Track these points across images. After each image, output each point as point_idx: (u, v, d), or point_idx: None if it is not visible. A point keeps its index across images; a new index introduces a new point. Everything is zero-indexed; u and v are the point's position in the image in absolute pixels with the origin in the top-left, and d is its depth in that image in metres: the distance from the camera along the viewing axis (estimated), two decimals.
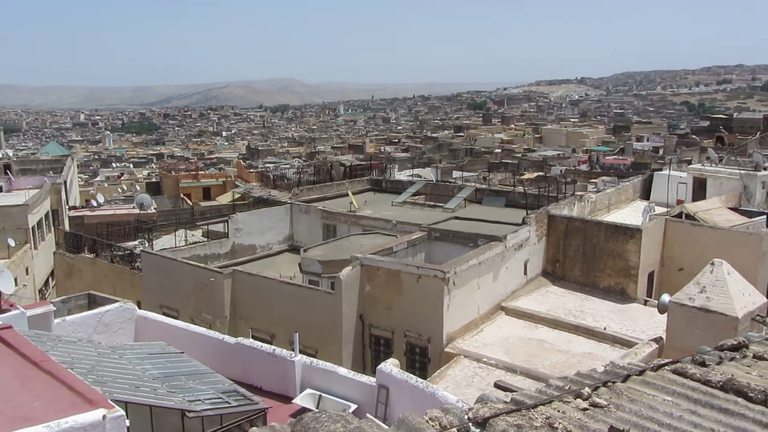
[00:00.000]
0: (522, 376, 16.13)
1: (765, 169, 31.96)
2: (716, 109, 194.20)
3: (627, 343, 17.44)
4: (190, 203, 49.07)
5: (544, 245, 23.11)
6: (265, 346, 13.04)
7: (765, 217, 24.43)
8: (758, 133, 74.62)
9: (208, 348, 13.10)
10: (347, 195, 30.38)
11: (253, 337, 15.02)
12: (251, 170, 62.91)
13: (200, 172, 61.07)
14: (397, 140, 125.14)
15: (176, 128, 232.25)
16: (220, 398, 9.92)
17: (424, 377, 15.53)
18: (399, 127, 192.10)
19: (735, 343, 4.43)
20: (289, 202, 29.53)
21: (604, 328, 18.83)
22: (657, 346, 14.18)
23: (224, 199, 48.71)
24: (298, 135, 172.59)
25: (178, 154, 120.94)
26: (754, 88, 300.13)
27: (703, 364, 3.85)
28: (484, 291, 19.75)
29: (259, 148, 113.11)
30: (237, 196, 43.08)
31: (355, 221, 26.47)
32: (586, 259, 22.55)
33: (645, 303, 21.11)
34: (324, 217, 27.58)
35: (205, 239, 27.43)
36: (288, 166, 66.59)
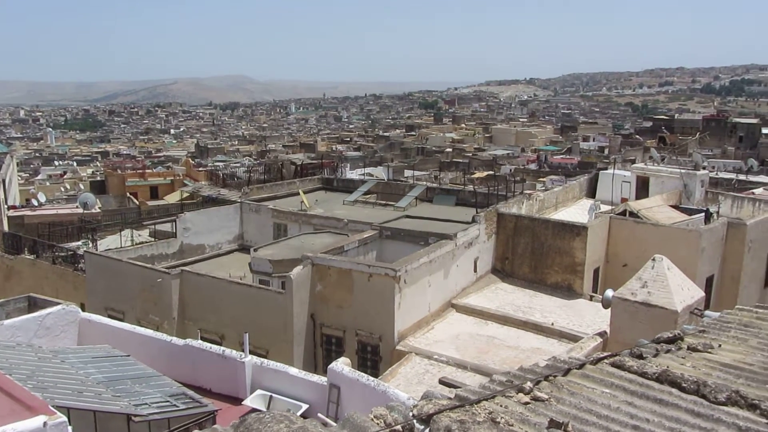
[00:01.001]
0: (472, 372, 16.33)
1: (704, 168, 33.23)
2: (658, 110, 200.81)
3: (573, 338, 17.85)
4: (137, 202, 47.93)
5: (493, 243, 23.45)
6: (215, 348, 12.83)
7: (704, 214, 25.33)
8: (698, 133, 77.56)
9: (156, 350, 12.82)
10: (298, 194, 30.19)
11: (202, 339, 14.77)
12: (200, 169, 61.88)
13: (147, 171, 59.73)
14: (348, 139, 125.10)
15: (122, 125, 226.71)
16: (168, 401, 9.72)
17: (376, 375, 15.58)
18: (351, 126, 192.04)
19: (671, 335, 4.59)
20: (239, 201, 29.16)
21: (552, 324, 19.23)
22: (601, 340, 14.57)
23: (172, 198, 47.75)
24: (248, 133, 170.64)
25: (124, 152, 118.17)
26: (693, 90, 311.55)
27: (640, 356, 3.98)
28: (435, 289, 19.91)
29: (209, 146, 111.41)
30: (185, 195, 42.32)
31: (306, 220, 26.33)
32: (535, 256, 22.98)
33: (591, 298, 21.65)
34: (275, 217, 27.34)
35: (152, 239, 26.83)
36: (238, 164, 65.79)
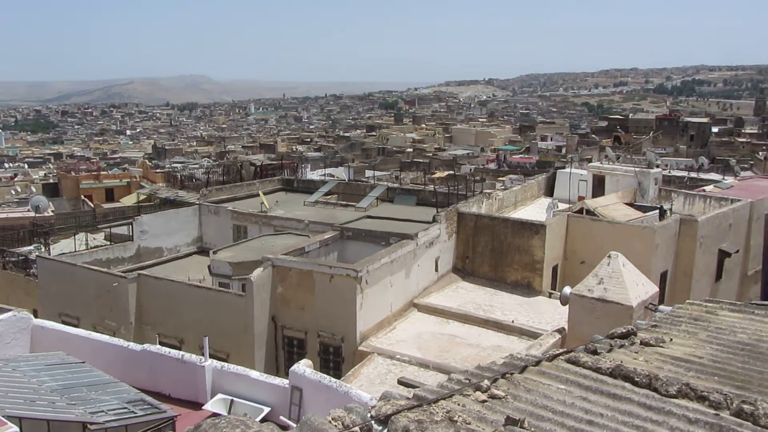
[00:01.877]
0: (434, 371, 16.42)
1: (657, 166, 34.09)
2: (613, 110, 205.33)
3: (533, 335, 18.10)
4: (92, 205, 46.84)
5: (454, 242, 23.62)
6: (174, 352, 12.64)
7: (657, 211, 25.98)
8: (651, 132, 79.56)
9: (112, 356, 12.56)
10: (258, 195, 29.91)
11: (161, 343, 14.51)
12: (158, 170, 60.86)
13: (102, 173, 58.45)
14: (309, 139, 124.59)
15: (76, 126, 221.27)
16: (125, 408, 9.53)
17: (338, 377, 15.53)
18: (311, 127, 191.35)
19: (624, 331, 4.69)
20: (197, 203, 28.74)
21: (512, 321, 19.46)
22: (560, 336, 14.82)
23: (129, 200, 46.80)
24: (207, 134, 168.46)
25: (78, 154, 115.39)
26: (647, 91, 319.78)
27: (594, 352, 4.06)
28: (397, 288, 19.96)
29: (166, 147, 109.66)
30: (142, 197, 41.50)
31: (266, 222, 26.10)
32: (495, 254, 23.22)
33: (550, 295, 21.98)
34: (234, 218, 27.04)
35: (108, 243, 26.25)
36: (197, 165, 64.87)
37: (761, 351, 4.59)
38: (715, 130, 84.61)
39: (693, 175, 39.62)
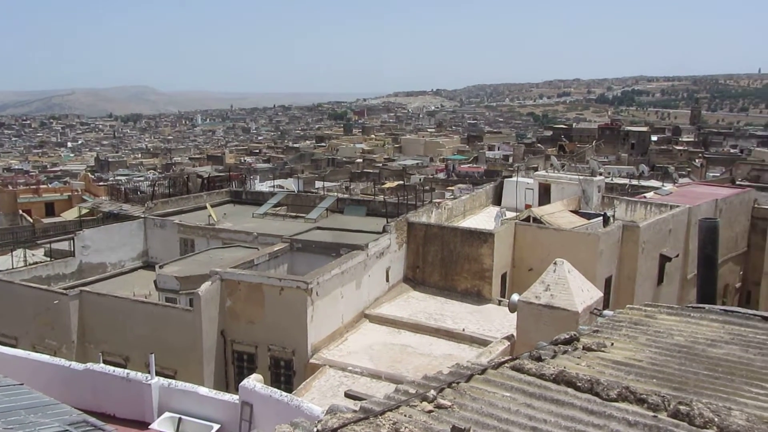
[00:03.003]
0: (386, 381, 16.40)
1: (600, 174, 35.05)
2: (558, 119, 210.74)
3: (484, 342, 18.26)
4: (30, 220, 45.18)
5: (404, 252, 23.71)
6: (118, 371, 12.27)
7: (601, 218, 26.67)
8: (594, 141, 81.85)
9: (53, 377, 12.12)
10: (206, 208, 29.44)
11: (105, 362, 14.06)
12: (101, 183, 59.22)
13: (42, 186, 56.51)
14: (258, 150, 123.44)
15: (13, 138, 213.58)
16: (66, 431, 9.18)
17: (290, 390, 15.39)
18: (260, 138, 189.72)
19: (567, 337, 4.80)
20: (142, 216, 28.08)
21: (463, 330, 19.63)
22: (509, 343, 14.99)
23: (70, 214, 45.29)
24: (152, 146, 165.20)
25: (16, 167, 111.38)
26: (589, 101, 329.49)
27: (539, 359, 4.14)
28: (348, 300, 19.90)
29: (110, 159, 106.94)
30: (84, 211, 40.27)
31: (214, 234, 25.71)
32: (445, 263, 23.41)
33: (499, 303, 22.26)
34: (181, 232, 26.53)
35: (48, 259, 25.37)
36: (142, 178, 63.43)
37: (696, 353, 4.76)
38: (654, 138, 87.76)
39: (634, 182, 40.94)
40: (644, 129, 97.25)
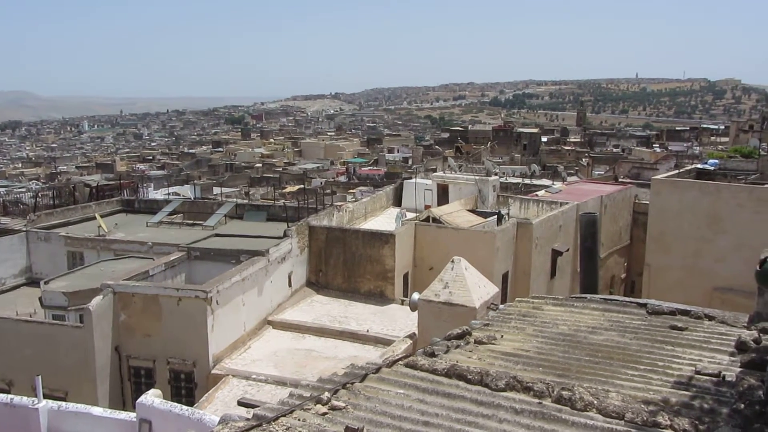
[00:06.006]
0: (292, 387, 16.22)
1: (495, 174, 36.36)
2: (454, 122, 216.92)
3: (388, 342, 18.46)
4: None
5: (306, 256, 23.59)
6: (1, 396, 11.45)
7: (496, 216, 27.67)
8: (488, 143, 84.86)
9: None
10: (95, 218, 28.01)
11: None
12: None
13: None
14: (151, 157, 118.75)
15: None
16: None
17: (192, 404, 14.94)
18: (153, 144, 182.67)
19: (460, 332, 4.95)
20: (24, 229, 26.29)
21: (367, 331, 19.78)
22: (411, 341, 15.27)
23: None
24: (34, 154, 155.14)
25: None
26: (483, 104, 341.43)
27: (432, 354, 4.25)
28: (250, 307, 19.56)
29: None
30: None
31: (105, 246, 24.50)
32: (347, 266, 23.50)
33: (402, 303, 22.59)
34: (68, 244, 25.09)
35: None
36: (23, 189, 59.35)
37: (579, 340, 5.05)
38: (544, 139, 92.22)
39: (527, 181, 42.78)
40: (535, 130, 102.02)
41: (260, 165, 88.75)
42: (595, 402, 3.59)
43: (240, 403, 5.42)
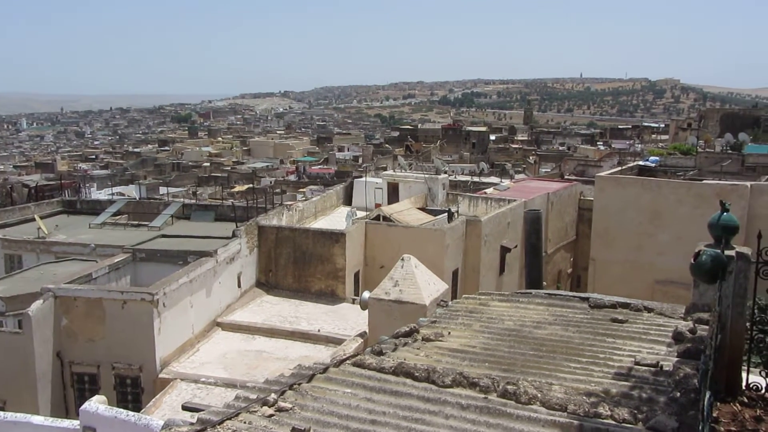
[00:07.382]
0: (242, 389, 16.04)
1: (444, 172, 36.71)
2: (404, 120, 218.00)
3: (339, 342, 18.44)
4: None
5: (256, 256, 23.34)
6: None
7: (446, 214, 27.94)
8: (438, 141, 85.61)
9: None
10: (34, 219, 27.08)
11: None
12: None
13: None
14: (94, 156, 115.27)
15: None
16: None
17: (138, 409, 14.61)
18: (96, 142, 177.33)
19: (408, 329, 4.99)
20: None
21: (318, 330, 19.70)
22: (362, 340, 15.30)
23: None
24: None
25: None
26: (433, 102, 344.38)
27: (380, 353, 4.26)
28: (198, 309, 19.24)
29: None
30: None
31: (45, 248, 23.74)
32: (298, 265, 23.36)
33: (353, 301, 22.58)
34: (5, 247, 24.23)
35: None
36: None
37: (524, 335, 5.16)
38: (492, 138, 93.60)
39: (476, 179, 43.30)
40: (483, 129, 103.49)
41: (208, 164, 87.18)
42: (539, 395, 3.68)
43: (184, 408, 5.32)
